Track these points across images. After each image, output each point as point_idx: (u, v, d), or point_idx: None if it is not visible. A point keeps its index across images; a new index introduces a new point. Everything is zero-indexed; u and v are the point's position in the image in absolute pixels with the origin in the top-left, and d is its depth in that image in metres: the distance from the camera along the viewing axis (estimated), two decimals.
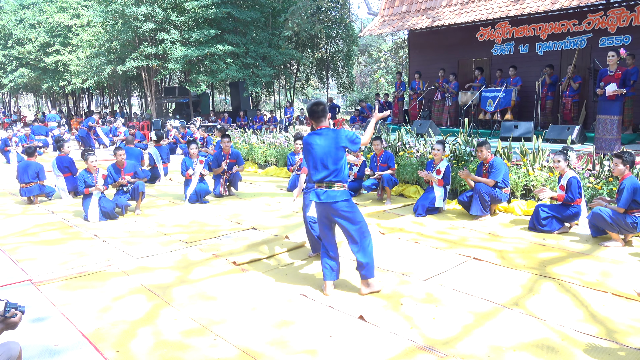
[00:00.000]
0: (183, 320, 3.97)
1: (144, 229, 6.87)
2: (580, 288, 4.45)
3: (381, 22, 16.99)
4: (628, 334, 3.61)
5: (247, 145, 13.34)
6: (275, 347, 3.52)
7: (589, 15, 12.53)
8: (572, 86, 12.28)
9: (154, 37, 21.08)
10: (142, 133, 18.14)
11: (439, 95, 15.13)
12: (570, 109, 12.40)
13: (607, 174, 6.75)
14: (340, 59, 28.25)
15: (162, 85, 28.43)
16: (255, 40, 23.14)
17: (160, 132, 12.20)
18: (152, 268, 5.24)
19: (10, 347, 2.80)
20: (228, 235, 6.48)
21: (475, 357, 3.33)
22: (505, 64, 13.92)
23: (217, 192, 9.10)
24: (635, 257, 5.30)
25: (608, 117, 8.71)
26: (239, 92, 23.79)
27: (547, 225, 6.22)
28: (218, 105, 38.99)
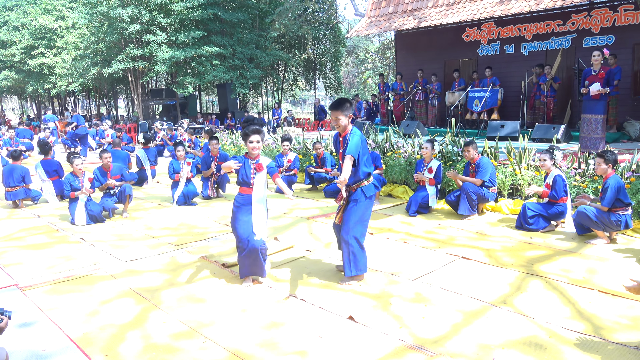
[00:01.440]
0: (172, 323, 3.95)
1: (132, 232, 6.83)
2: (567, 285, 4.50)
3: (368, 23, 17.05)
4: (614, 330, 3.65)
5: (235, 147, 13.30)
6: (265, 349, 3.51)
7: (573, 15, 12.69)
8: (552, 86, 12.43)
9: (140, 38, 20.97)
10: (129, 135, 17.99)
11: (420, 95, 15.22)
12: (552, 108, 12.55)
13: (592, 172, 6.83)
14: (327, 60, 28.30)
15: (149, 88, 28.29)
16: (242, 41, 23.10)
17: (148, 134, 12.13)
18: (141, 271, 5.20)
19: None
20: (217, 237, 6.46)
21: (464, 356, 3.35)
22: (491, 64, 14.04)
23: (205, 194, 9.06)
24: (620, 254, 5.37)
25: (593, 116, 8.81)
26: (227, 94, 23.74)
27: (534, 224, 6.28)
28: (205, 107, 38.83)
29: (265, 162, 4.63)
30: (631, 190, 6.21)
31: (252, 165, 4.58)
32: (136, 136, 19.05)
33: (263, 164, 4.60)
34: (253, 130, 4.52)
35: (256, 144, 4.56)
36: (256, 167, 4.58)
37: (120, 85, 31.57)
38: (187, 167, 8.64)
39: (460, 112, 13.39)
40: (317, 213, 7.69)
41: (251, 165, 4.58)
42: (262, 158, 4.64)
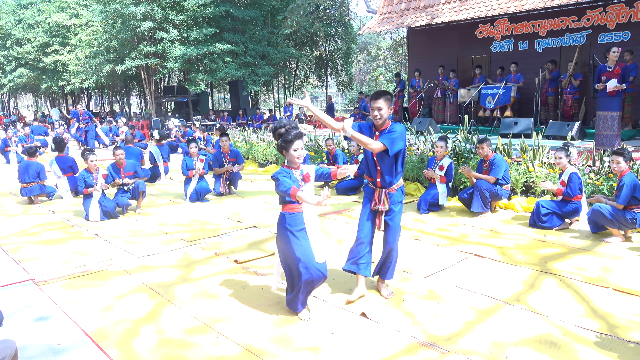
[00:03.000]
0: (185, 319, 3.98)
1: (145, 228, 6.88)
2: (581, 284, 4.47)
3: (380, 20, 16.98)
4: (629, 329, 3.62)
5: (247, 144, 13.34)
6: (278, 345, 3.53)
7: (588, 11, 12.54)
8: (572, 83, 12.29)
9: (152, 36, 21.09)
10: (142, 132, 18.14)
11: (438, 92, 15.15)
12: (571, 105, 12.42)
13: (607, 170, 6.76)
14: (339, 57, 28.27)
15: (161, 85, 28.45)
16: (254, 38, 23.15)
17: (162, 131, 12.21)
18: (154, 267, 5.25)
19: (7, 346, 2.82)
20: (229, 234, 6.49)
21: (477, 353, 3.34)
22: (504, 61, 13.92)
23: (217, 190, 9.10)
24: (635, 252, 5.31)
25: (608, 114, 8.71)
26: (239, 91, 23.81)
27: (547, 222, 6.23)
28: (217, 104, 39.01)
29: (310, 169, 3.91)
30: None
31: (297, 177, 3.83)
32: (149, 133, 19.19)
33: (310, 173, 3.89)
34: (297, 135, 3.75)
35: (301, 151, 3.80)
36: (304, 177, 3.86)
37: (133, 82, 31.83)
38: (200, 163, 8.68)
39: (473, 109, 13.30)
40: (329, 210, 7.69)
41: (297, 177, 3.83)
42: (305, 166, 3.93)
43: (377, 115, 4.03)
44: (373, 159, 4.14)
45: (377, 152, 3.98)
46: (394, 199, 4.18)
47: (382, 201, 4.18)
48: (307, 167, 3.91)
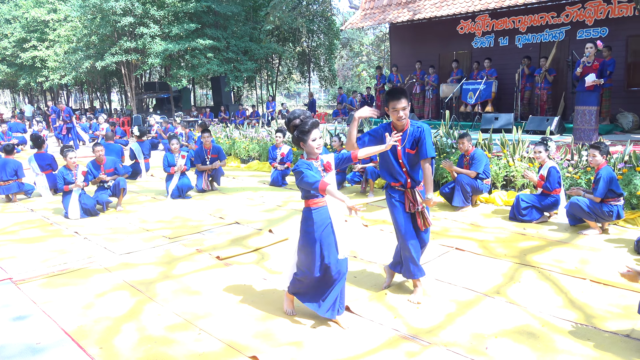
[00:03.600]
0: (167, 316, 3.96)
1: (126, 225, 6.82)
2: (559, 275, 4.54)
3: (362, 16, 17.00)
4: (605, 318, 3.69)
5: (230, 140, 13.28)
6: (261, 340, 3.53)
7: (567, 7, 12.70)
8: (547, 78, 12.46)
9: (133, 31, 20.85)
10: (123, 129, 17.93)
11: (417, 88, 15.24)
12: (546, 100, 12.60)
13: (585, 164, 6.87)
14: (322, 52, 28.24)
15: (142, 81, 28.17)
16: (237, 34, 23.01)
17: (143, 127, 12.10)
18: (135, 264, 5.20)
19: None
20: (211, 230, 6.46)
21: (457, 345, 3.38)
22: (485, 56, 14.04)
23: (199, 187, 9.05)
24: (612, 244, 5.41)
25: (586, 108, 8.85)
26: (221, 87, 23.68)
27: (527, 215, 6.32)
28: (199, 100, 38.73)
29: (330, 157, 3.69)
30: (623, 181, 6.25)
31: (318, 167, 3.60)
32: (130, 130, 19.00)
33: (330, 161, 3.67)
34: (314, 124, 3.54)
35: (320, 140, 3.57)
36: (325, 167, 3.63)
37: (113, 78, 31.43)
38: (181, 160, 8.62)
39: (454, 105, 13.41)
40: None
41: (317, 168, 3.58)
42: (324, 155, 3.70)
43: (402, 115, 3.84)
44: (398, 161, 3.98)
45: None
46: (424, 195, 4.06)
47: (418, 201, 4.02)
48: (326, 156, 3.71)
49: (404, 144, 3.93)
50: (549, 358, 3.19)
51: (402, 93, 3.84)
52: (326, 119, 21.13)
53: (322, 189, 3.36)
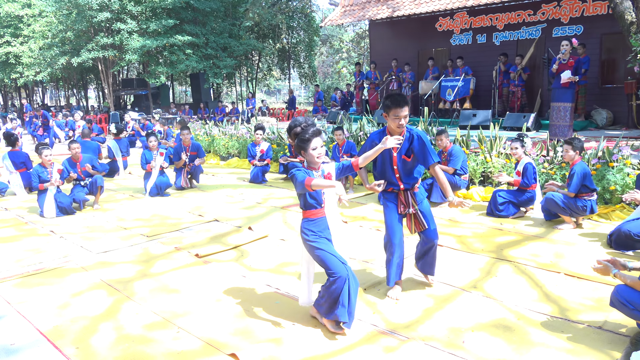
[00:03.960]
0: (145, 314, 3.93)
1: (103, 224, 6.73)
2: (535, 269, 4.62)
3: (342, 13, 17.01)
4: (579, 311, 3.77)
5: (209, 137, 13.20)
6: (240, 337, 3.52)
7: (543, 5, 12.88)
8: (521, 76, 12.65)
9: (110, 27, 20.54)
10: (100, 126, 17.68)
11: (394, 85, 15.33)
12: (520, 97, 12.78)
13: (560, 159, 6.99)
14: (301, 49, 28.18)
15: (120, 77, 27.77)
16: (216, 30, 22.83)
17: (120, 124, 11.95)
18: (112, 263, 5.14)
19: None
20: (190, 228, 6.42)
21: (435, 339, 3.42)
22: (463, 53, 14.18)
23: (178, 184, 8.98)
24: (586, 238, 5.52)
25: (561, 105, 8.99)
26: (200, 84, 23.48)
27: (504, 211, 6.41)
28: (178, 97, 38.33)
29: (331, 167, 3.57)
30: (596, 176, 6.38)
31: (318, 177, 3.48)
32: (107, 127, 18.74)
33: (332, 172, 3.56)
34: (315, 133, 3.41)
35: (321, 149, 3.45)
36: (325, 178, 3.51)
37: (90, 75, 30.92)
38: (159, 157, 8.54)
39: (433, 101, 13.51)
40: (291, 202, 7.69)
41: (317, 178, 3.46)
42: (325, 165, 3.58)
43: (403, 123, 3.84)
44: (392, 167, 3.98)
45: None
46: (419, 197, 4.06)
47: (410, 203, 4.03)
48: (328, 166, 3.57)
49: (399, 150, 3.93)
50: (524, 351, 3.24)
51: (405, 101, 3.83)
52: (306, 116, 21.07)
53: (307, 185, 3.30)
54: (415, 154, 3.94)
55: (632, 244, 4.97)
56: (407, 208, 4.03)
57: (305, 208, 3.55)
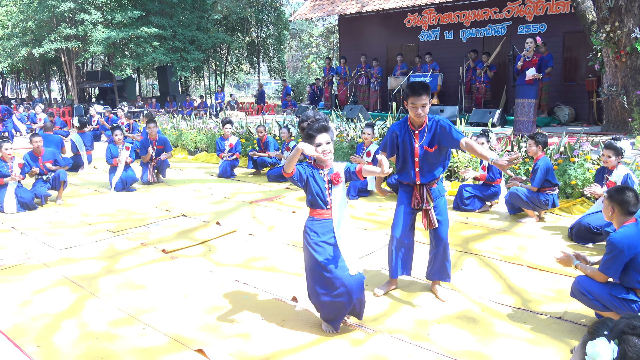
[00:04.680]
0: (110, 311, 3.86)
1: (67, 219, 6.57)
2: (499, 262, 4.72)
3: (311, 7, 16.98)
4: (541, 302, 3.87)
5: (176, 131, 13.00)
6: (207, 333, 3.50)
7: (509, 3, 13.13)
8: (487, 73, 12.88)
9: (73, 17, 20.00)
10: (63, 119, 17.22)
11: (363, 80, 15.41)
12: (484, 93, 13.02)
13: (524, 154, 7.15)
14: (271, 43, 28.03)
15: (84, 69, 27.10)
16: (183, 23, 22.48)
17: (84, 118, 11.65)
18: (76, 259, 5.03)
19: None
20: (157, 223, 6.32)
21: (402, 332, 3.47)
22: (431, 50, 14.34)
23: (144, 179, 8.83)
24: (548, 231, 5.68)
25: (525, 101, 9.21)
26: (167, 77, 23.12)
27: (469, 205, 6.53)
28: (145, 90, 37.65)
29: (340, 168, 3.34)
30: (558, 171, 6.55)
31: (324, 177, 3.32)
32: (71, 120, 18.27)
33: (340, 172, 3.33)
34: (320, 129, 3.20)
35: (326, 146, 3.22)
36: (332, 178, 3.30)
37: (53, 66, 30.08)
38: (125, 151, 8.38)
39: (401, 97, 13.61)
40: (260, 197, 7.66)
41: (323, 177, 3.32)
42: (336, 164, 3.36)
43: (420, 112, 3.64)
44: (414, 160, 3.78)
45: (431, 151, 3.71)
46: (436, 194, 3.86)
47: (425, 199, 3.82)
48: (338, 165, 3.36)
49: (422, 141, 3.73)
50: (488, 341, 3.32)
51: (423, 88, 3.62)
52: (275, 111, 21.02)
53: (285, 170, 3.18)
54: (440, 141, 3.72)
55: (592, 236, 5.14)
56: (422, 203, 3.83)
57: (311, 206, 3.36)
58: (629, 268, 3.19)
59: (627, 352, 1.65)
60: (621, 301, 3.21)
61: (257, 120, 12.50)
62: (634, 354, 1.64)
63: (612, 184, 5.09)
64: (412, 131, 3.77)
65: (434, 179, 3.83)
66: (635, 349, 1.64)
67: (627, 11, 9.05)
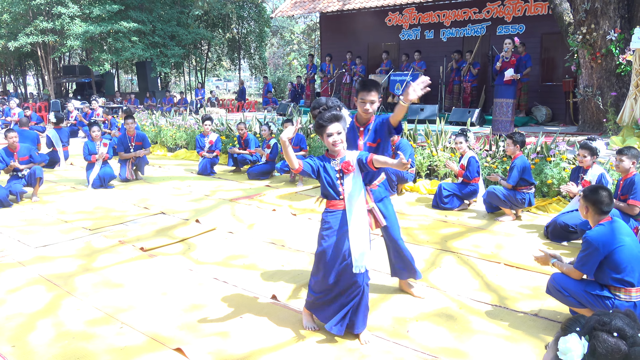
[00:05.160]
0: (87, 310, 3.81)
1: (43, 217, 6.46)
2: (477, 260, 4.78)
3: (293, 4, 16.94)
4: (517, 299, 3.94)
5: (156, 127, 12.87)
6: (186, 331, 3.48)
7: (488, 4, 13.27)
8: (471, 72, 13.00)
9: (49, 10, 19.63)
10: (39, 115, 16.90)
11: (347, 78, 15.42)
12: (470, 93, 13.15)
13: (502, 154, 7.25)
14: (252, 40, 27.87)
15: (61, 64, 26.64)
16: (163, 18, 22.22)
17: (60, 113, 11.46)
18: (52, 257, 4.95)
19: None
20: (135, 221, 6.26)
21: (381, 329, 3.49)
22: (412, 48, 14.42)
23: (123, 176, 8.73)
24: (525, 229, 5.77)
25: (504, 101, 9.32)
26: (147, 73, 22.82)
27: (448, 203, 6.60)
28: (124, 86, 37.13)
29: (353, 157, 3.25)
30: (535, 170, 6.66)
31: (335, 167, 3.25)
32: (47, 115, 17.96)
33: (352, 161, 3.24)
34: (331, 118, 3.14)
35: (337, 136, 3.17)
36: (342, 167, 3.23)
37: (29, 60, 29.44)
38: (103, 148, 8.26)
39: (382, 95, 13.67)
40: (240, 195, 7.63)
41: (334, 167, 3.26)
42: (349, 153, 3.28)
43: (368, 108, 3.62)
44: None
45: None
46: (376, 195, 3.76)
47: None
48: (351, 154, 3.28)
49: (366, 138, 3.72)
50: (466, 338, 3.36)
51: (374, 85, 3.63)
52: (256, 108, 20.94)
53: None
54: (378, 132, 3.70)
55: (567, 235, 5.23)
56: None
57: (325, 198, 3.34)
58: (604, 265, 3.26)
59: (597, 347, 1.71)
60: (595, 298, 3.28)
61: (238, 118, 12.44)
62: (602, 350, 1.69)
63: (587, 183, 5.20)
64: (357, 128, 3.76)
65: (374, 179, 3.73)
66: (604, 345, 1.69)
67: (603, 14, 9.22)
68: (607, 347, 1.69)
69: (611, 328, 1.72)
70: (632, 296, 3.20)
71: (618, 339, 1.70)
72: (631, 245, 3.23)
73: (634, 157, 4.91)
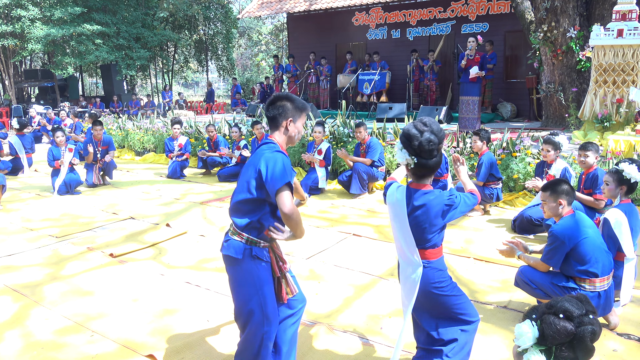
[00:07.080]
0: (56, 319, 3.73)
1: (7, 225, 6.28)
2: (447, 255, 4.85)
3: (259, 5, 16.89)
4: (487, 293, 4.02)
5: (123, 131, 12.65)
6: (159, 337, 3.44)
7: (453, 3, 13.49)
8: (434, 69, 13.21)
9: (8, 13, 19.07)
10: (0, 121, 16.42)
11: (313, 78, 15.47)
12: (435, 91, 13.36)
13: (470, 150, 7.38)
14: (219, 41, 27.63)
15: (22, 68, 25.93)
16: (127, 19, 21.85)
17: (22, 119, 11.16)
18: (18, 267, 4.82)
19: None
20: (104, 227, 6.14)
21: (354, 327, 3.52)
22: (379, 48, 14.56)
23: (89, 182, 8.55)
24: (493, 224, 5.89)
25: (470, 98, 9.49)
26: (112, 76, 22.40)
27: None
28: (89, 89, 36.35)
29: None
30: (502, 166, 6.80)
31: None
32: (9, 121, 17.47)
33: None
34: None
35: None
36: None
37: None
38: (68, 153, 8.08)
39: (351, 95, 13.77)
40: (211, 197, 7.57)
41: None
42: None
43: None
44: None
45: None
46: None
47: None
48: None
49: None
50: None
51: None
52: (225, 109, 20.78)
53: None
54: None
55: (533, 228, 5.37)
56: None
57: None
58: (569, 258, 3.35)
59: (545, 330, 1.84)
60: (562, 289, 3.37)
61: (207, 120, 12.33)
62: (549, 331, 1.82)
63: (552, 177, 5.34)
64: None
65: None
66: (551, 327, 1.82)
67: (563, 12, 9.48)
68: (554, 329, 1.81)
69: (557, 310, 1.86)
70: (597, 286, 3.30)
71: (564, 319, 1.82)
72: (594, 237, 3.33)
73: (597, 152, 5.07)
